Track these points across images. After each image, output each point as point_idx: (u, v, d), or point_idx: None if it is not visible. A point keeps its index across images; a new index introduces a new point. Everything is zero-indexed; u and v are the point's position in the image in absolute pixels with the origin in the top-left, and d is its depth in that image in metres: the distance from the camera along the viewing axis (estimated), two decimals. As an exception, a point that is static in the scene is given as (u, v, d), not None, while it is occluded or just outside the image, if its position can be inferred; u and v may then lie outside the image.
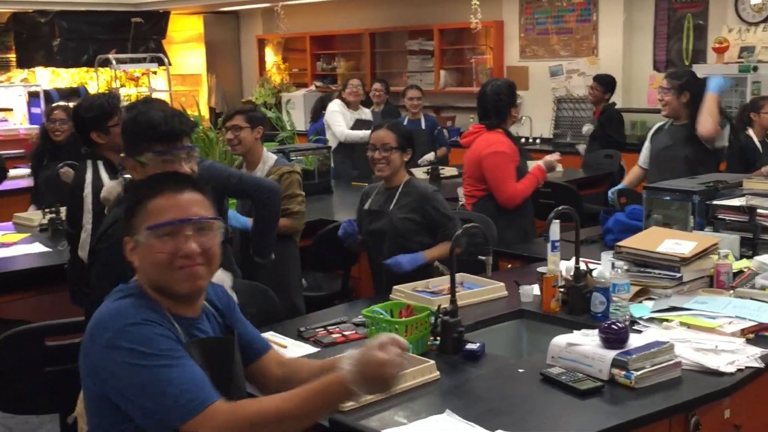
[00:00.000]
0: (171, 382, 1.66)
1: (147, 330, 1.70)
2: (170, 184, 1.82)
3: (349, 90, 6.83)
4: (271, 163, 3.98)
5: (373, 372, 1.67)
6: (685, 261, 2.85)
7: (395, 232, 3.47)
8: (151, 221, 1.77)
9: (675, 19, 7.80)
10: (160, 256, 1.76)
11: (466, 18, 7.43)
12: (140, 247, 1.78)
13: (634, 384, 2.17)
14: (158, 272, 1.77)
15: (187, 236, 1.77)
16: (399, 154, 3.49)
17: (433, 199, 3.49)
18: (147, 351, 1.67)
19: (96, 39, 10.61)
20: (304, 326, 2.83)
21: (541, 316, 2.91)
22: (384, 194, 3.57)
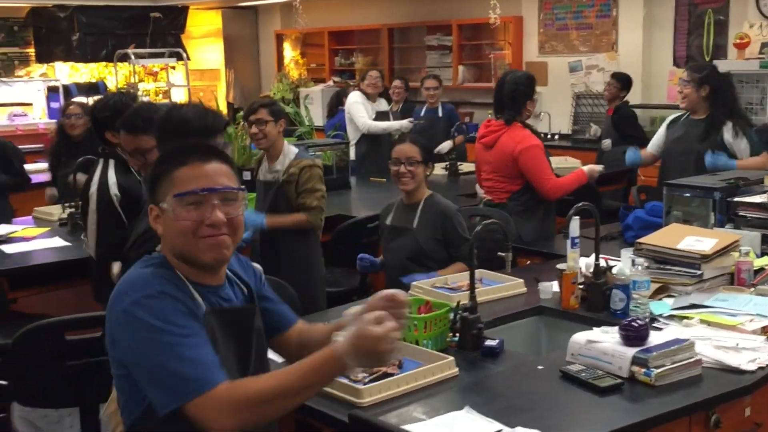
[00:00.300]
0: (178, 359, 1.67)
1: (162, 303, 1.71)
2: (197, 154, 1.83)
3: (368, 81, 6.81)
4: (291, 156, 3.96)
5: (367, 347, 1.66)
6: (706, 258, 2.83)
7: (419, 250, 3.48)
8: (178, 189, 1.78)
9: (695, 14, 7.73)
10: (185, 224, 1.77)
11: (485, 13, 7.40)
12: (165, 215, 1.80)
13: (654, 381, 2.16)
14: (183, 240, 1.79)
15: (214, 205, 1.79)
16: (423, 167, 3.51)
17: (454, 218, 3.51)
18: (158, 325, 1.68)
19: (115, 34, 10.66)
20: (323, 322, 2.82)
21: (560, 313, 2.90)
22: (405, 210, 3.58)
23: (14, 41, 10.88)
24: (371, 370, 2.29)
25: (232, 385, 1.70)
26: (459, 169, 6.19)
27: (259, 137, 3.91)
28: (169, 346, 1.67)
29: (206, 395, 1.66)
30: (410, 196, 3.55)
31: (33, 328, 2.48)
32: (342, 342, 1.67)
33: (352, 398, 2.15)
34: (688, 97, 4.51)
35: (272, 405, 1.70)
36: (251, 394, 1.68)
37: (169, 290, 1.74)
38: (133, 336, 1.69)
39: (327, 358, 1.68)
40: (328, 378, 1.74)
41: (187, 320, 1.72)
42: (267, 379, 1.73)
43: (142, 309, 1.70)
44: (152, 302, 1.71)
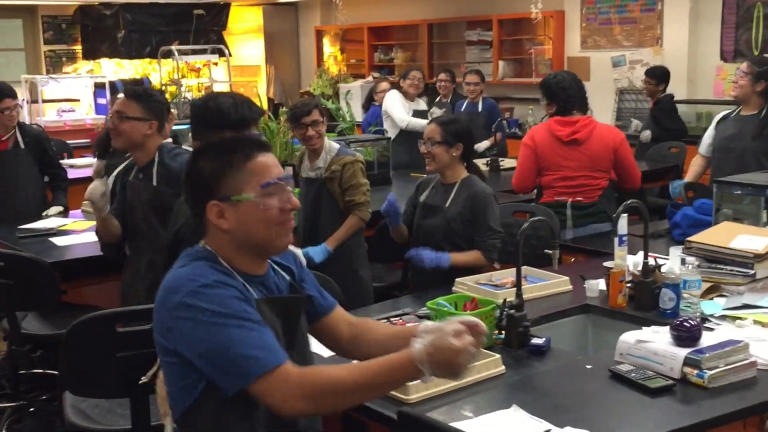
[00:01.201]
0: (243, 342, 1.69)
1: (221, 291, 1.73)
2: (256, 145, 1.86)
3: (410, 82, 6.78)
4: (333, 152, 3.97)
5: (444, 358, 1.68)
6: (759, 257, 2.77)
7: (448, 230, 3.43)
8: (260, 179, 1.80)
9: (744, 8, 7.58)
10: (272, 212, 1.81)
11: (526, 8, 7.35)
12: (235, 209, 1.80)
13: (707, 383, 2.13)
14: (266, 229, 1.81)
15: (289, 192, 1.84)
16: (444, 149, 3.42)
17: (487, 203, 3.41)
18: (220, 311, 1.71)
19: (159, 31, 10.80)
20: (368, 317, 2.83)
21: (607, 312, 2.86)
22: (440, 189, 3.53)
23: (62, 39, 11.09)
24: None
25: (305, 370, 1.73)
26: (500, 165, 6.14)
27: (315, 138, 3.91)
28: (231, 329, 1.70)
29: (274, 374, 1.68)
30: (445, 176, 3.51)
31: (86, 319, 2.52)
32: (421, 349, 1.68)
33: (400, 395, 2.15)
34: (741, 88, 4.44)
35: (342, 396, 1.72)
36: (324, 382, 1.70)
37: (224, 279, 1.77)
38: (193, 325, 1.71)
39: (405, 361, 1.69)
40: (401, 381, 1.77)
41: (245, 305, 1.75)
42: (340, 370, 1.75)
43: (201, 298, 1.72)
44: (210, 291, 1.73)
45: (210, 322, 1.70)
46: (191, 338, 1.72)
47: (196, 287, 1.73)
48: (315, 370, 1.75)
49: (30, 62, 10.97)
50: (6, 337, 3.67)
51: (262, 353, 1.70)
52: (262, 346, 1.70)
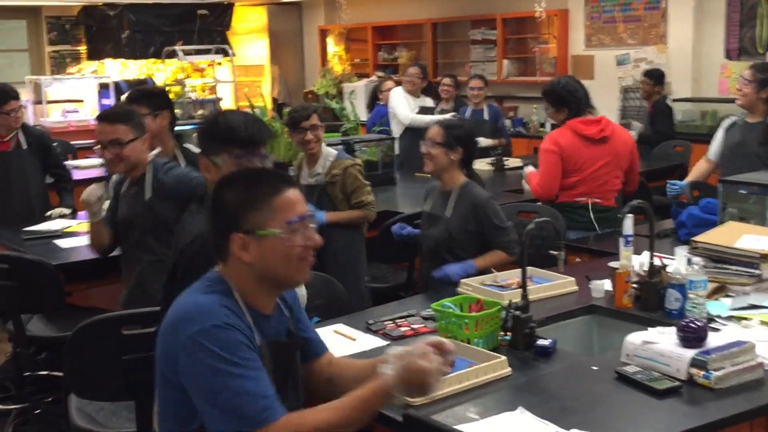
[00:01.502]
0: (244, 392, 1.72)
1: (230, 335, 1.75)
2: (281, 181, 1.88)
3: (407, 78, 6.80)
4: (332, 158, 3.99)
5: (414, 379, 1.76)
6: (765, 257, 2.77)
7: (450, 239, 3.42)
8: (286, 216, 1.82)
9: (748, 5, 7.55)
10: (297, 249, 1.83)
11: (530, 7, 7.35)
12: (258, 243, 1.81)
13: (714, 384, 2.12)
14: (288, 265, 1.84)
15: (312, 229, 1.87)
16: (443, 151, 3.41)
17: (487, 207, 3.40)
18: (227, 357, 1.73)
19: (163, 31, 10.81)
20: (373, 319, 2.83)
21: (612, 312, 2.85)
22: (440, 197, 3.53)
23: (66, 39, 11.10)
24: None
25: (292, 418, 1.76)
26: (505, 164, 6.14)
27: (313, 142, 3.93)
28: (234, 378, 1.72)
29: (268, 428, 1.72)
30: (443, 183, 3.50)
31: (91, 322, 2.52)
32: (392, 375, 1.76)
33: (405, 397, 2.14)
34: (746, 96, 4.44)
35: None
36: (310, 427, 1.75)
37: (235, 322, 1.78)
38: (200, 363, 1.73)
39: (377, 389, 1.77)
40: (376, 408, 1.82)
41: (250, 353, 1.77)
42: (321, 411, 1.80)
43: (210, 339, 1.74)
44: (220, 333, 1.75)
45: (215, 367, 1.72)
46: (195, 375, 1.74)
47: (210, 327, 1.75)
48: (301, 417, 1.79)
49: (34, 63, 10.98)
50: (11, 339, 3.67)
51: (259, 407, 1.73)
52: (260, 398, 1.73)
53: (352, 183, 3.89)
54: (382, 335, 2.70)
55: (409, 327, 2.75)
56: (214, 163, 2.36)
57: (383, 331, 2.72)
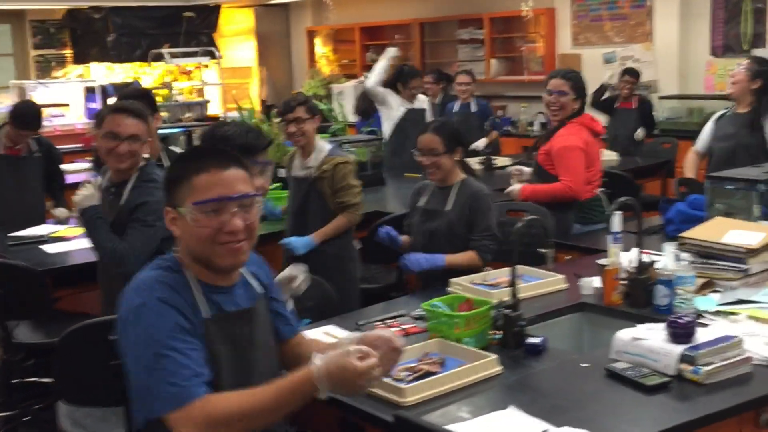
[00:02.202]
0: (161, 372, 1.70)
1: (159, 311, 1.74)
2: (216, 160, 1.84)
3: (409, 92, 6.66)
4: (325, 152, 3.96)
5: (345, 378, 1.71)
6: (752, 252, 2.78)
7: (451, 232, 3.43)
8: (197, 197, 1.79)
9: (732, 2, 7.59)
10: (205, 230, 1.80)
11: (517, 6, 7.35)
12: (183, 220, 1.82)
13: (703, 380, 2.12)
14: (201, 246, 1.81)
15: (233, 213, 1.81)
16: (448, 156, 3.43)
17: (484, 202, 3.42)
18: (150, 333, 1.72)
19: (148, 34, 10.77)
20: (363, 320, 2.83)
21: (602, 309, 2.86)
22: (439, 193, 3.53)
23: (51, 43, 11.06)
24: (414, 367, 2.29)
25: (209, 402, 1.72)
26: (494, 163, 6.14)
27: (297, 135, 3.91)
28: (155, 357, 1.71)
29: (181, 410, 1.70)
30: (444, 180, 3.51)
31: (79, 327, 2.51)
32: (320, 367, 1.71)
33: (396, 397, 2.14)
34: (738, 84, 4.47)
35: (247, 423, 1.74)
36: (226, 412, 1.71)
37: (170, 298, 1.76)
38: (129, 339, 1.75)
39: (304, 380, 1.72)
40: (302, 400, 1.76)
41: (179, 333, 1.75)
42: (244, 396, 1.75)
43: (138, 315, 1.74)
44: (149, 310, 1.74)
45: (139, 344, 1.72)
46: (127, 351, 1.76)
47: (139, 303, 1.75)
48: (220, 400, 1.74)
49: (19, 67, 10.93)
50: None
51: (173, 389, 1.70)
52: (177, 380, 1.71)
53: (340, 181, 3.86)
54: (372, 336, 2.69)
55: (400, 327, 2.74)
56: None
57: (373, 332, 2.71)
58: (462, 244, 3.41)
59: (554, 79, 4.09)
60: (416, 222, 3.57)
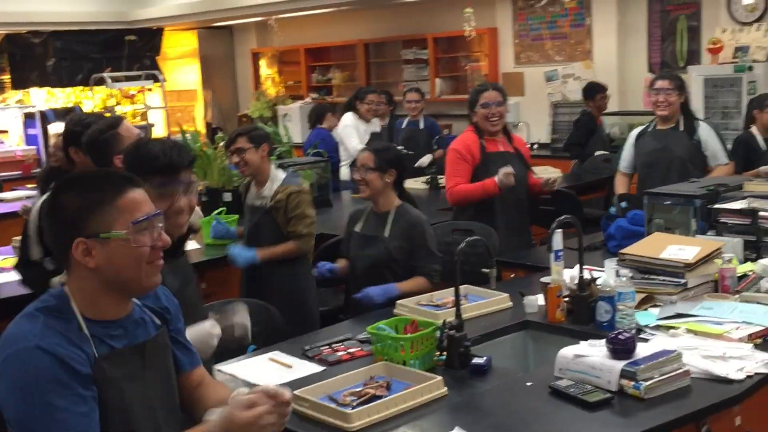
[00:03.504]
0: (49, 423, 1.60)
1: (40, 359, 1.62)
2: (126, 180, 1.79)
3: (368, 106, 6.75)
4: (278, 181, 3.95)
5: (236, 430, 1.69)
6: (690, 267, 2.84)
7: (389, 258, 3.45)
8: (132, 216, 1.73)
9: (668, 20, 7.81)
10: (143, 250, 1.74)
11: (460, 26, 7.44)
12: (106, 246, 1.71)
13: (644, 394, 2.16)
14: (136, 267, 1.74)
15: (159, 228, 1.78)
16: (377, 175, 3.47)
17: (422, 229, 3.46)
18: (32, 384, 1.61)
19: (90, 58, 10.63)
20: (309, 344, 2.81)
21: (546, 327, 2.89)
22: (374, 219, 3.55)
23: (-12, 68, 10.84)
24: (360, 392, 2.29)
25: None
26: (439, 182, 6.18)
27: (241, 165, 3.91)
28: (38, 408, 1.60)
29: None
30: (378, 205, 3.54)
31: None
32: (214, 422, 1.70)
33: (341, 423, 2.13)
34: (672, 105, 4.56)
35: None
36: None
37: (54, 346, 1.64)
38: (5, 392, 1.62)
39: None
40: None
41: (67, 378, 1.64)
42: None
43: (17, 365, 1.62)
44: (29, 357, 1.62)
45: (19, 396, 1.60)
46: (4, 400, 1.63)
47: (18, 350, 1.62)
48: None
49: (-43, 94, 10.69)
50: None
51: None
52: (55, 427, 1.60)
53: (293, 210, 3.84)
54: (319, 361, 2.68)
55: (346, 351, 2.73)
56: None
57: (320, 357, 2.70)
58: (402, 270, 3.44)
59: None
60: (354, 247, 3.59)
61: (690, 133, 4.54)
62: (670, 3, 7.78)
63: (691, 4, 7.65)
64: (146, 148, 2.37)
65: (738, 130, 6.66)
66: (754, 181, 3.83)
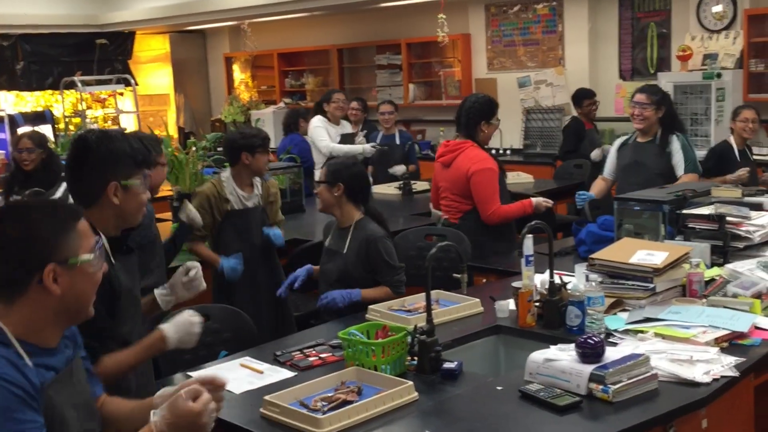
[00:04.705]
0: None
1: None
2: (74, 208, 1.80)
3: (334, 105, 6.79)
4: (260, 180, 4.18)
5: (185, 422, 1.67)
6: (658, 271, 2.87)
7: (347, 274, 3.44)
8: (89, 240, 1.74)
9: (638, 28, 7.90)
10: (99, 275, 1.76)
11: (433, 32, 7.46)
12: (77, 270, 1.70)
13: (612, 398, 2.18)
14: (91, 293, 1.75)
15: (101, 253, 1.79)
16: (325, 187, 3.48)
17: (379, 243, 3.44)
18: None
19: (60, 61, 10.55)
20: (280, 350, 2.80)
21: (517, 331, 2.90)
22: (339, 233, 3.56)
23: (-44, 72, 10.70)
24: (331, 397, 2.29)
25: None
26: (413, 188, 6.20)
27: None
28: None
29: None
30: (340, 220, 3.54)
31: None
32: (160, 418, 1.67)
33: (312, 428, 2.13)
34: (648, 119, 4.57)
35: None
36: None
37: (8, 375, 1.61)
38: None
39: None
40: None
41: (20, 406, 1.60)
42: None
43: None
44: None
45: None
46: None
47: None
48: None
49: (-76, 98, 10.54)
50: None
51: None
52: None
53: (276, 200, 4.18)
54: (290, 366, 2.67)
55: (318, 356, 2.73)
56: (125, 186, 2.29)
57: (291, 362, 2.69)
58: (359, 286, 3.40)
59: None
60: (322, 260, 3.62)
61: (663, 147, 4.58)
62: (641, 10, 7.87)
63: (661, 11, 7.75)
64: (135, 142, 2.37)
65: (706, 137, 6.77)
66: (722, 187, 3.88)
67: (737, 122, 5.45)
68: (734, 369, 2.37)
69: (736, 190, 3.78)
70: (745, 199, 3.59)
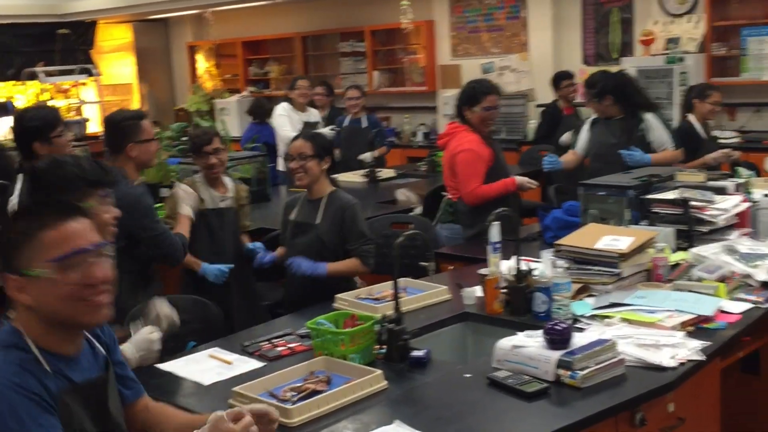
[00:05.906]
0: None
1: (10, 396, 1.59)
2: (57, 212, 1.70)
3: (298, 92, 6.76)
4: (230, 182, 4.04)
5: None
6: (624, 256, 2.89)
7: (321, 245, 3.47)
8: (52, 253, 1.65)
9: (601, 13, 7.95)
10: (68, 289, 1.66)
11: (397, 18, 7.45)
12: (35, 283, 1.65)
13: (580, 384, 2.19)
14: (64, 307, 1.67)
15: (91, 264, 1.69)
16: (316, 162, 3.50)
17: (352, 211, 3.49)
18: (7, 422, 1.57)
19: (21, 52, 10.37)
20: (249, 340, 2.78)
21: (484, 318, 2.91)
22: (308, 206, 3.57)
23: None
24: (300, 387, 2.28)
25: None
26: (378, 175, 6.18)
27: (218, 165, 3.88)
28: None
29: None
30: (312, 192, 3.57)
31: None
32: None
33: (282, 419, 2.11)
34: (597, 111, 4.72)
35: None
36: None
37: (22, 379, 1.62)
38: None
39: None
40: None
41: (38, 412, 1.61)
42: None
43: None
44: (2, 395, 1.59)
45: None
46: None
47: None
48: None
49: None
50: None
51: None
52: None
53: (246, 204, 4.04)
54: (259, 357, 2.65)
55: (286, 346, 2.71)
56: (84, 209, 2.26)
57: (259, 353, 2.68)
58: (333, 257, 3.45)
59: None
60: (288, 236, 3.59)
61: (637, 124, 4.68)
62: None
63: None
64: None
65: (670, 120, 6.83)
66: (686, 172, 3.92)
67: (706, 103, 5.31)
68: (700, 353, 2.40)
69: (699, 175, 3.82)
70: (709, 183, 3.63)
